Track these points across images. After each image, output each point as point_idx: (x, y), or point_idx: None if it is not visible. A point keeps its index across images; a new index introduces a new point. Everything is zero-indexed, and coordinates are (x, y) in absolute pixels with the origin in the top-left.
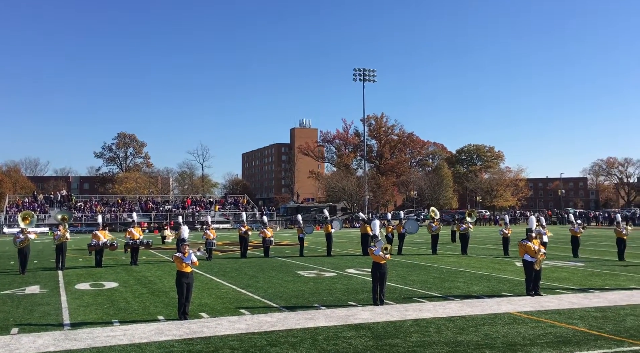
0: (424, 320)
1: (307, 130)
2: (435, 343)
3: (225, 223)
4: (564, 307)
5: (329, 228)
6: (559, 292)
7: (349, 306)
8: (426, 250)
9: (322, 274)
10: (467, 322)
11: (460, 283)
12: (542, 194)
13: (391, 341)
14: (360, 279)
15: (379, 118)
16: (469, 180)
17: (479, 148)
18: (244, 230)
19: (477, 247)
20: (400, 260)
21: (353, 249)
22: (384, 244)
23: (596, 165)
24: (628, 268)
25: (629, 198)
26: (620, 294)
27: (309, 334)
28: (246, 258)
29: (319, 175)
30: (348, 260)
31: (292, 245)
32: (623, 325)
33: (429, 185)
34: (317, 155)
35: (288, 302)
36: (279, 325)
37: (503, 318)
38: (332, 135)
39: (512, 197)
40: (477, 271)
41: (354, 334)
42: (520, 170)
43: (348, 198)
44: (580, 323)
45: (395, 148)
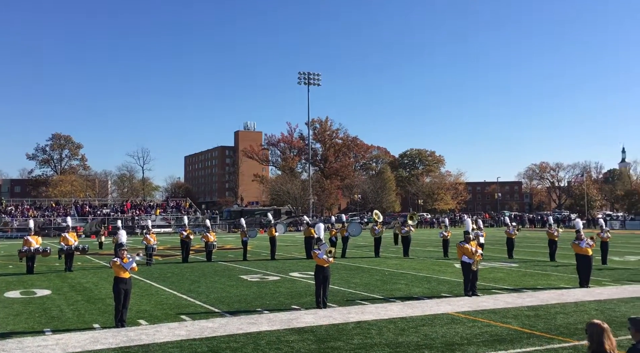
0: (366, 322)
1: (251, 133)
2: (376, 344)
3: (166, 227)
4: (499, 307)
5: (273, 231)
6: (494, 292)
7: (292, 310)
8: (369, 253)
9: (265, 278)
10: (408, 323)
11: (402, 285)
12: (480, 197)
13: (333, 344)
14: (304, 283)
15: (324, 122)
16: (411, 184)
17: (420, 152)
18: (186, 235)
19: (418, 250)
20: (343, 263)
21: (297, 253)
22: (328, 247)
23: (530, 170)
24: (558, 268)
25: (560, 201)
26: (551, 293)
27: (251, 339)
28: (188, 263)
29: (263, 179)
30: (292, 263)
31: (235, 249)
32: (553, 323)
33: (372, 189)
34: (261, 159)
35: (230, 307)
36: (220, 331)
37: (442, 318)
38: (276, 139)
39: (452, 200)
40: (418, 273)
41: (297, 338)
42: (460, 174)
43: (293, 202)
44: (514, 322)
45: (339, 152)
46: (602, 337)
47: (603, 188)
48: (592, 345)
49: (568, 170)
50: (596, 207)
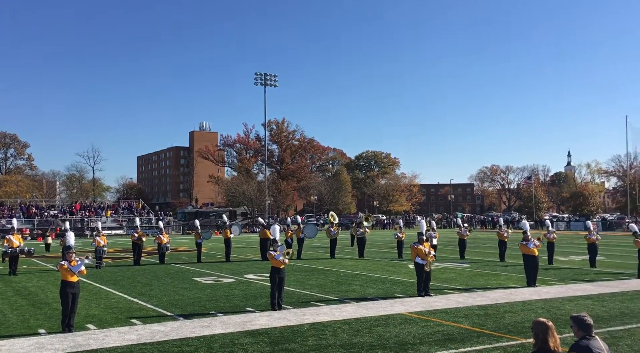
0: (321, 323)
1: (207, 133)
2: (331, 346)
3: (117, 229)
4: (451, 307)
5: (227, 233)
6: (447, 292)
7: (246, 312)
8: (324, 255)
9: (220, 280)
10: (362, 324)
11: (357, 286)
12: (434, 199)
13: (288, 346)
14: (259, 284)
15: (281, 123)
16: (366, 186)
17: (376, 154)
18: (138, 236)
19: (373, 251)
20: (299, 265)
21: (252, 254)
22: (285, 249)
23: (482, 172)
24: (507, 268)
25: (509, 203)
26: (501, 293)
27: (204, 342)
28: (140, 266)
29: (218, 180)
30: (247, 265)
31: (189, 251)
32: (502, 321)
33: (328, 190)
34: (217, 159)
35: (183, 310)
36: (172, 335)
37: (395, 319)
38: (232, 139)
39: (407, 202)
40: (373, 274)
41: (251, 340)
42: (414, 176)
43: (248, 203)
44: (464, 321)
45: (296, 153)
46: (546, 334)
47: (550, 190)
48: (537, 343)
49: (517, 172)
50: (543, 208)
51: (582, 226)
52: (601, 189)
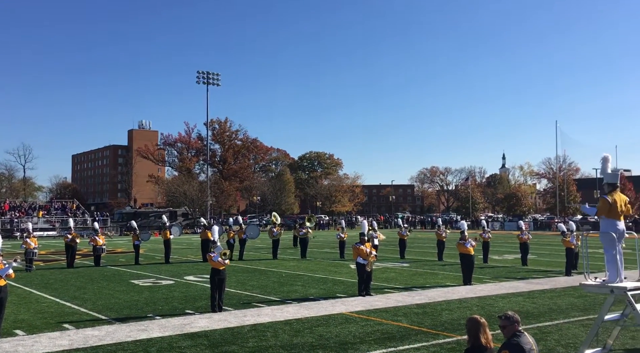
0: (262, 324)
1: (146, 132)
2: (271, 347)
3: (50, 230)
4: (391, 306)
5: (167, 234)
6: (387, 292)
7: (186, 315)
8: (267, 255)
9: (158, 282)
10: (303, 324)
11: (299, 287)
12: (376, 200)
13: (228, 348)
14: (199, 286)
15: (223, 122)
16: (310, 186)
17: (319, 155)
18: (71, 238)
19: (315, 251)
20: (240, 266)
21: (193, 256)
22: (222, 250)
23: (421, 174)
24: (445, 267)
25: (448, 204)
26: (438, 291)
27: (141, 347)
28: (73, 268)
29: (158, 180)
30: (187, 267)
31: (127, 252)
32: (439, 319)
33: (271, 191)
34: (157, 159)
35: (119, 314)
36: (107, 339)
37: (336, 318)
38: (173, 138)
39: (349, 203)
40: (315, 274)
41: (190, 343)
42: (357, 177)
43: (190, 204)
44: (404, 320)
45: (239, 153)
46: (479, 331)
47: (486, 191)
48: (470, 339)
49: (455, 174)
50: (480, 209)
51: (515, 226)
52: (533, 191)
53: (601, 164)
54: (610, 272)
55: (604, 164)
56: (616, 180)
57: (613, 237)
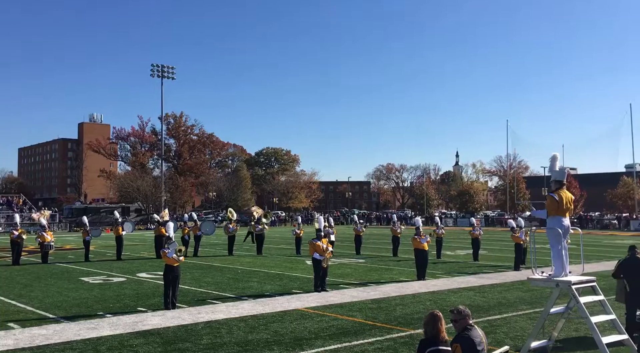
0: (217, 321)
1: (98, 125)
2: (226, 344)
3: None
4: (346, 301)
5: (119, 230)
6: (342, 287)
7: (138, 312)
8: (223, 252)
9: (109, 279)
10: (259, 321)
11: (254, 283)
12: (332, 196)
13: (181, 345)
14: (153, 283)
15: (178, 117)
16: (266, 182)
17: (276, 151)
18: (17, 234)
19: (271, 247)
20: (195, 262)
21: (146, 252)
22: (178, 246)
23: (378, 170)
24: (400, 263)
25: (403, 200)
26: (393, 286)
27: (90, 345)
28: (19, 266)
29: (110, 174)
30: (140, 263)
31: (76, 249)
32: (393, 314)
33: (227, 187)
34: (109, 153)
35: (68, 312)
36: (55, 338)
37: (292, 314)
38: (126, 132)
39: (306, 199)
40: (271, 270)
41: (142, 341)
42: (314, 173)
43: (143, 199)
44: (358, 315)
45: (194, 148)
46: (435, 323)
47: (440, 188)
48: (427, 331)
49: (411, 171)
50: (434, 206)
51: (467, 222)
52: (484, 188)
53: (549, 162)
54: (556, 266)
55: (552, 162)
56: (563, 178)
57: (559, 233)
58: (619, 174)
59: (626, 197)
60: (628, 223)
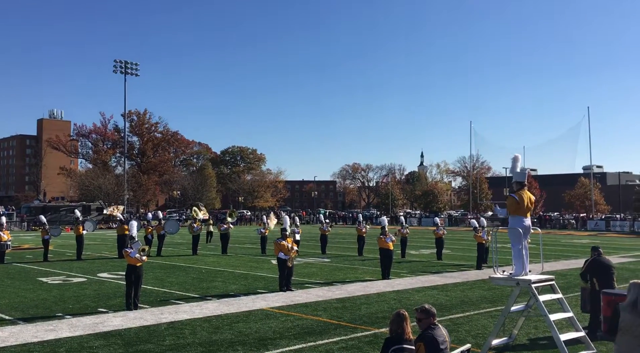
0: (180, 322)
1: (58, 122)
2: (189, 344)
3: None
4: (311, 300)
5: (80, 229)
6: (307, 287)
7: (98, 313)
8: (187, 251)
9: (69, 280)
10: (223, 321)
11: (219, 283)
12: (298, 195)
13: (143, 347)
14: (114, 284)
15: (142, 114)
16: (232, 181)
17: (242, 150)
18: None
19: (236, 247)
20: (159, 262)
21: (108, 252)
22: (141, 245)
23: (344, 170)
24: (365, 262)
25: (369, 200)
26: (358, 286)
27: (49, 347)
28: None
29: (71, 172)
30: (101, 263)
31: (35, 249)
32: (358, 313)
33: (192, 185)
34: (69, 150)
35: (25, 313)
36: (11, 340)
37: (257, 314)
38: (88, 129)
39: (272, 198)
40: (236, 270)
41: (102, 343)
42: (280, 172)
43: (105, 198)
44: (323, 315)
45: (158, 146)
46: (401, 322)
47: (405, 188)
48: (392, 329)
49: (376, 171)
50: (399, 205)
51: (431, 222)
52: (448, 188)
53: (511, 163)
54: (517, 265)
55: (514, 163)
56: (524, 179)
57: (520, 233)
58: (577, 175)
59: (583, 198)
60: (585, 223)
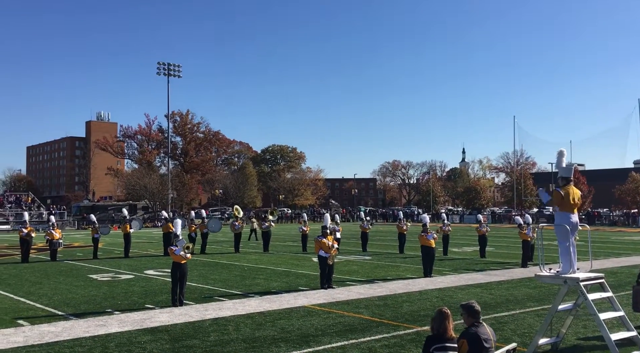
0: (224, 318)
1: (105, 123)
2: (233, 340)
3: (4, 224)
4: (353, 298)
5: (127, 228)
6: (349, 284)
7: (146, 309)
8: (229, 249)
9: (117, 277)
10: (265, 318)
11: (261, 280)
12: (338, 193)
13: (189, 342)
14: (160, 280)
15: (185, 115)
16: (272, 179)
17: (282, 148)
18: (26, 232)
19: (278, 244)
20: (202, 259)
21: (154, 250)
22: (185, 243)
23: (384, 167)
24: (406, 260)
25: (409, 197)
26: (399, 283)
27: (99, 342)
28: (28, 263)
29: (118, 172)
30: (147, 261)
31: (85, 247)
32: (400, 311)
33: (234, 184)
34: (116, 151)
35: (77, 309)
36: (64, 335)
37: (299, 311)
38: (133, 131)
39: (312, 196)
40: (277, 267)
41: (150, 338)
42: (320, 170)
43: (150, 197)
44: (365, 312)
45: (200, 146)
46: (442, 320)
47: (446, 185)
48: (434, 327)
49: (417, 168)
50: (440, 202)
51: (474, 219)
52: (491, 184)
53: (556, 158)
54: (564, 263)
55: (559, 158)
56: (570, 174)
57: (566, 230)
58: (628, 170)
59: (635, 193)
60: (636, 220)
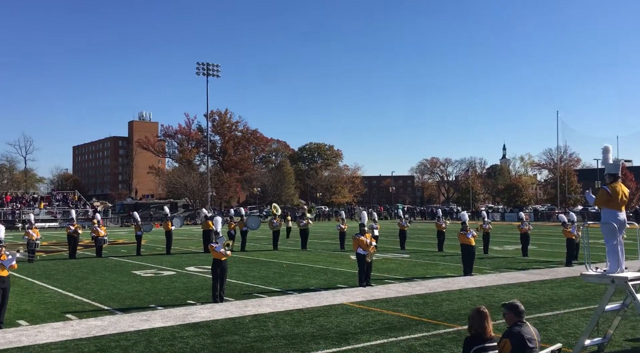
0: (263, 315)
1: (147, 123)
2: (273, 337)
3: (52, 221)
4: (391, 296)
5: (169, 225)
6: (387, 282)
7: (187, 305)
8: (267, 246)
9: (160, 273)
10: (304, 315)
11: (299, 278)
12: (376, 191)
13: (229, 338)
14: (201, 277)
15: (223, 114)
16: (310, 177)
17: (319, 146)
18: (73, 229)
19: (316, 242)
20: (241, 257)
21: (194, 247)
22: (225, 240)
23: (422, 165)
24: (445, 258)
25: (448, 194)
26: (439, 282)
27: (143, 336)
28: (75, 259)
29: (159, 171)
30: (188, 257)
31: (128, 243)
32: (440, 309)
33: (271, 182)
34: (157, 150)
35: (122, 304)
36: (110, 329)
37: (337, 309)
38: (174, 130)
39: (349, 194)
40: (315, 265)
41: (192, 333)
42: (357, 168)
43: (190, 195)
44: (404, 310)
45: (239, 144)
46: (481, 320)
47: (486, 182)
48: (473, 327)
49: (456, 165)
50: (480, 200)
51: (515, 217)
52: (533, 181)
53: (602, 155)
54: (611, 262)
55: (605, 154)
56: (617, 171)
57: (614, 228)
58: None
59: None
60: None
